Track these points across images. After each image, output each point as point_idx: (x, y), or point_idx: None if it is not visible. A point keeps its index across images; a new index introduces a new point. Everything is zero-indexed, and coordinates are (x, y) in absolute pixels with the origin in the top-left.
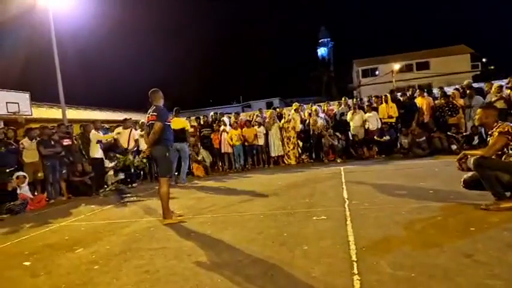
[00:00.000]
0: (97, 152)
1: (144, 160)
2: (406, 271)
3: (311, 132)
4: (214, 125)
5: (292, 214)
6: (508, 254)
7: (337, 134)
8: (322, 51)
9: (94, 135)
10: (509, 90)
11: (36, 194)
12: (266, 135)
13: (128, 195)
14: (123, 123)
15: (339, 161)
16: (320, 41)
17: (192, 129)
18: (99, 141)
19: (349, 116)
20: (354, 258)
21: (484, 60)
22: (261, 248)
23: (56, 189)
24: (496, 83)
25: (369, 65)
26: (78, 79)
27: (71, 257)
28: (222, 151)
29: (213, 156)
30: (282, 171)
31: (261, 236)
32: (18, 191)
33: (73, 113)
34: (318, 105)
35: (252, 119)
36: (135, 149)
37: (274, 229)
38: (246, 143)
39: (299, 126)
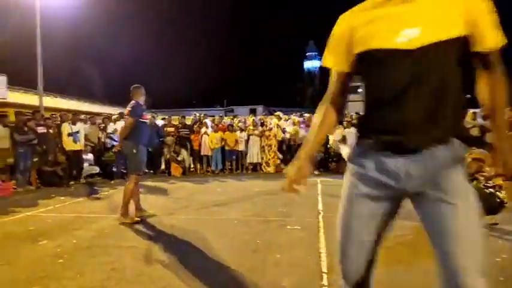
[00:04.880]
0: (70, 145)
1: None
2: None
3: (292, 143)
4: (195, 126)
5: (266, 222)
6: None
7: None
8: (308, 64)
9: (64, 127)
10: None
11: (3, 181)
12: (247, 141)
13: (102, 189)
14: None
15: (316, 173)
16: (307, 54)
17: (172, 129)
18: (71, 134)
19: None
20: (324, 269)
21: None
22: (232, 254)
23: (26, 178)
24: None
25: (355, 81)
26: (61, 67)
27: (35, 249)
28: (202, 153)
29: (192, 157)
30: (260, 179)
31: (234, 241)
32: None
33: (50, 101)
34: (301, 117)
35: (235, 124)
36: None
37: (247, 235)
38: (226, 147)
39: (280, 135)
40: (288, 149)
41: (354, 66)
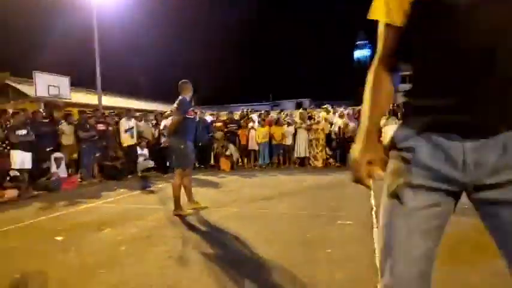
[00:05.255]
0: (126, 140)
1: None
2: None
3: (341, 136)
4: (242, 121)
5: (315, 216)
6: None
7: None
8: (358, 54)
9: (121, 124)
10: None
11: (70, 174)
12: (294, 135)
13: (156, 182)
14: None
15: None
16: (357, 43)
17: (220, 124)
18: (127, 130)
19: (382, 121)
20: (379, 265)
21: None
22: (282, 247)
23: (89, 171)
24: None
25: (406, 71)
26: (115, 67)
27: (100, 237)
28: (249, 148)
29: (240, 152)
30: (308, 173)
31: (283, 234)
32: (52, 170)
33: (110, 100)
34: (351, 109)
35: (282, 117)
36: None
37: (296, 229)
38: (273, 141)
39: (328, 128)
40: (337, 143)
41: (407, 19)
